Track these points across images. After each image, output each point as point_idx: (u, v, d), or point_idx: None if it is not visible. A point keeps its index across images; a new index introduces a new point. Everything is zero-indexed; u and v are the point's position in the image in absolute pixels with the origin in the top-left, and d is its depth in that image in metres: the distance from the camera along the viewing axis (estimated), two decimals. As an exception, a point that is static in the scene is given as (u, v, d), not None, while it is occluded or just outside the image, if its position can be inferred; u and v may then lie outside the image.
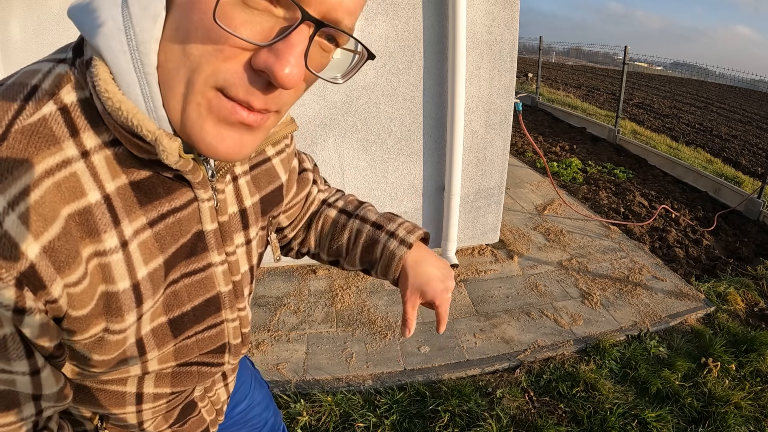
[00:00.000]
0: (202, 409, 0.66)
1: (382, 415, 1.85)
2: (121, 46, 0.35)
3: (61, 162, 0.36)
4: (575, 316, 2.48)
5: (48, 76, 0.38)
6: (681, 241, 3.49)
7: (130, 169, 0.41)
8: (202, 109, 0.37)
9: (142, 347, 0.47)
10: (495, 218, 3.08)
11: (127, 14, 0.35)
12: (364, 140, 2.68)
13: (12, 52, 2.23)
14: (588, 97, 11.30)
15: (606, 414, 1.87)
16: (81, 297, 0.38)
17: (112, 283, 0.41)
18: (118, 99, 0.36)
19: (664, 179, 4.93)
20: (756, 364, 2.17)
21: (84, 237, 0.38)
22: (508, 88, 2.73)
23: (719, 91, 16.14)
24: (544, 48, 9.65)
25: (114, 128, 0.38)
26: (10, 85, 0.37)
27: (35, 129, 0.35)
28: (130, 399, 0.53)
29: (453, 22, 2.40)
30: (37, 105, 0.36)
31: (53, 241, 0.35)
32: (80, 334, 0.41)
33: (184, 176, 0.43)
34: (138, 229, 0.42)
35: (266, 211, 0.60)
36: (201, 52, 0.35)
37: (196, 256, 0.49)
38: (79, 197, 0.37)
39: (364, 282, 2.78)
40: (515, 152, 5.56)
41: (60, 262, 0.36)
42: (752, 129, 9.02)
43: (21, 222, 0.33)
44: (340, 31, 0.39)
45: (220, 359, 0.59)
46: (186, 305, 0.50)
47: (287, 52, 0.35)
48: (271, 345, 2.23)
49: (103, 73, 0.36)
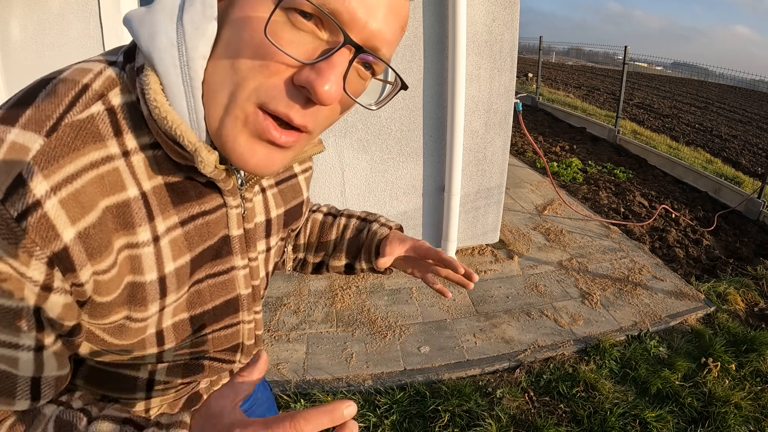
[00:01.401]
0: None
1: (382, 415, 1.85)
2: (173, 61, 0.39)
3: (105, 157, 0.39)
4: (575, 316, 2.48)
5: (99, 76, 0.41)
6: (681, 241, 3.49)
7: (166, 171, 0.44)
8: (239, 122, 0.40)
9: (161, 338, 0.49)
10: (495, 218, 3.08)
11: (181, 32, 0.39)
12: (364, 140, 2.68)
13: (12, 52, 2.23)
14: (588, 97, 11.30)
15: (606, 414, 1.86)
16: (107, 285, 0.41)
17: (140, 274, 0.43)
18: (165, 109, 0.39)
19: (664, 179, 4.93)
20: (756, 364, 2.17)
21: (118, 229, 0.40)
22: (508, 88, 2.74)
23: (719, 91, 16.14)
24: (544, 48, 9.65)
25: (156, 134, 0.41)
26: (63, 80, 0.39)
27: (83, 125, 0.38)
28: (141, 385, 0.55)
29: (453, 22, 2.40)
30: (87, 103, 0.39)
31: (88, 228, 0.38)
32: (101, 318, 0.43)
33: (215, 183, 0.46)
34: (170, 227, 0.45)
35: (287, 224, 0.64)
36: (248, 66, 0.38)
37: (221, 258, 0.52)
38: (118, 191, 0.40)
39: (364, 282, 2.78)
40: (515, 152, 5.56)
41: (92, 249, 0.38)
42: (752, 129, 9.03)
43: (61, 206, 0.36)
44: (378, 58, 0.42)
45: (233, 357, 0.62)
46: (208, 304, 0.52)
47: (328, 71, 0.38)
48: (271, 345, 2.23)
49: (153, 83, 0.39)
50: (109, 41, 2.27)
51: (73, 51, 2.27)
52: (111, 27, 2.25)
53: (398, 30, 0.42)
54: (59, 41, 2.24)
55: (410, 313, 2.49)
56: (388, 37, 0.41)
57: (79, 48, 2.27)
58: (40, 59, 2.26)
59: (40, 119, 0.37)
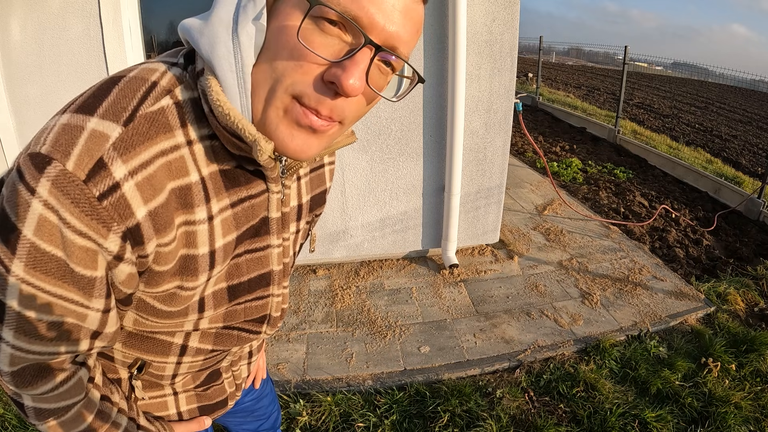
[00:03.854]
0: (225, 380, 0.76)
1: (382, 415, 1.85)
2: (230, 67, 0.45)
3: (174, 146, 0.46)
4: (575, 316, 2.48)
5: (165, 75, 0.47)
6: (681, 241, 3.49)
7: (221, 159, 0.50)
8: (280, 112, 0.45)
9: (202, 305, 0.56)
10: (495, 218, 3.08)
11: (237, 42, 0.44)
12: (364, 140, 2.68)
13: (12, 52, 2.23)
14: (588, 97, 11.30)
15: (606, 414, 1.86)
16: (166, 256, 0.47)
17: (194, 247, 0.50)
18: (228, 107, 0.44)
19: (664, 179, 4.93)
20: (756, 364, 2.17)
21: (180, 208, 0.47)
22: (508, 88, 2.73)
23: (719, 91, 16.14)
24: (544, 48, 9.65)
25: (216, 127, 0.47)
26: (133, 78, 0.45)
27: (156, 117, 0.44)
28: (175, 349, 0.61)
29: (453, 22, 2.40)
30: (157, 97, 0.45)
31: (158, 208, 0.44)
32: (155, 287, 0.50)
33: (262, 171, 0.52)
34: (222, 208, 0.51)
35: (313, 209, 0.70)
36: (285, 66, 0.44)
37: (260, 237, 0.58)
38: (183, 176, 0.46)
39: (364, 282, 2.78)
40: (515, 152, 5.56)
41: (159, 226, 0.44)
42: (752, 129, 9.02)
43: (137, 188, 0.42)
44: (396, 56, 0.47)
45: (259, 328, 0.68)
46: (244, 276, 0.59)
47: (352, 68, 0.43)
48: (271, 345, 2.23)
49: (215, 85, 0.45)
50: (109, 41, 2.27)
51: (73, 51, 2.27)
52: (111, 27, 2.25)
53: (414, 31, 0.47)
54: (59, 41, 2.24)
55: (410, 313, 2.49)
56: (404, 38, 0.46)
57: (79, 48, 2.27)
58: (40, 59, 2.26)
59: (116, 110, 0.42)
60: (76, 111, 0.42)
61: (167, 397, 0.69)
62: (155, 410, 0.68)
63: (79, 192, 0.39)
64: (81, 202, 0.39)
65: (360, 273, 2.88)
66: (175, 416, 0.70)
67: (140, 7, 2.37)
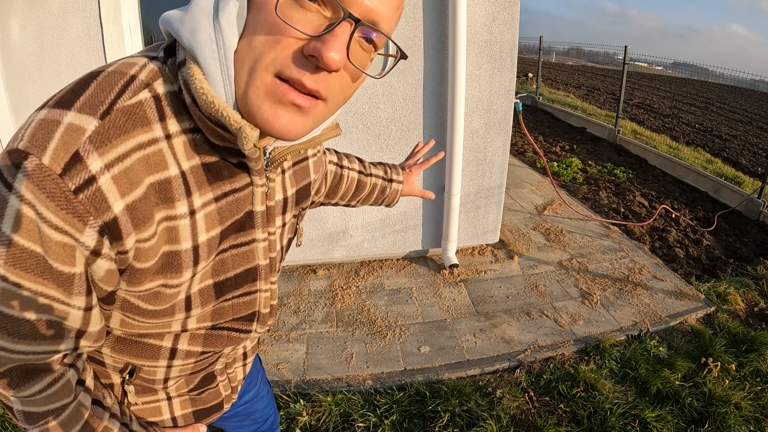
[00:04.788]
0: (219, 383, 0.74)
1: (382, 415, 1.85)
2: (212, 53, 0.44)
3: (152, 139, 0.45)
4: (575, 316, 2.48)
5: (144, 69, 0.46)
6: (681, 241, 3.49)
7: (203, 152, 0.49)
8: (261, 92, 0.44)
9: (189, 303, 0.55)
10: (495, 218, 3.08)
11: (218, 28, 0.44)
12: (364, 140, 2.68)
13: (12, 52, 2.23)
14: (588, 97, 11.30)
15: (606, 414, 1.86)
16: (147, 252, 0.46)
17: (177, 243, 0.49)
18: (212, 95, 0.44)
19: (665, 179, 4.93)
20: (756, 364, 2.17)
21: (159, 203, 0.46)
22: (508, 88, 2.73)
23: (719, 91, 16.13)
24: (544, 48, 9.65)
25: (199, 119, 0.46)
26: (111, 72, 0.45)
27: (133, 110, 0.44)
28: (164, 353, 0.60)
29: (453, 22, 2.40)
30: (135, 91, 0.44)
31: (135, 202, 0.43)
32: (138, 286, 0.49)
33: (246, 163, 0.52)
34: (205, 202, 0.50)
35: (298, 202, 0.69)
36: (264, 42, 0.43)
37: (245, 231, 0.57)
38: (161, 170, 0.45)
39: (364, 282, 2.78)
40: (515, 152, 5.56)
41: (137, 220, 0.44)
42: (752, 129, 9.02)
43: (113, 182, 0.41)
44: (377, 31, 0.46)
45: (249, 327, 0.66)
46: (230, 272, 0.58)
47: (332, 40, 0.42)
48: (271, 345, 2.23)
49: (197, 74, 0.44)
50: (109, 41, 2.27)
51: (73, 51, 2.27)
52: (111, 27, 2.25)
53: (395, 7, 0.47)
54: (59, 41, 2.24)
55: (410, 313, 2.49)
56: (384, 13, 0.46)
57: (79, 48, 2.27)
58: (40, 59, 2.26)
59: (94, 104, 0.42)
60: (54, 106, 0.42)
61: (161, 402, 0.67)
62: (149, 415, 0.67)
63: (55, 186, 0.38)
64: (57, 196, 0.39)
65: (360, 273, 2.88)
66: (169, 421, 0.69)
67: (140, 7, 2.37)
